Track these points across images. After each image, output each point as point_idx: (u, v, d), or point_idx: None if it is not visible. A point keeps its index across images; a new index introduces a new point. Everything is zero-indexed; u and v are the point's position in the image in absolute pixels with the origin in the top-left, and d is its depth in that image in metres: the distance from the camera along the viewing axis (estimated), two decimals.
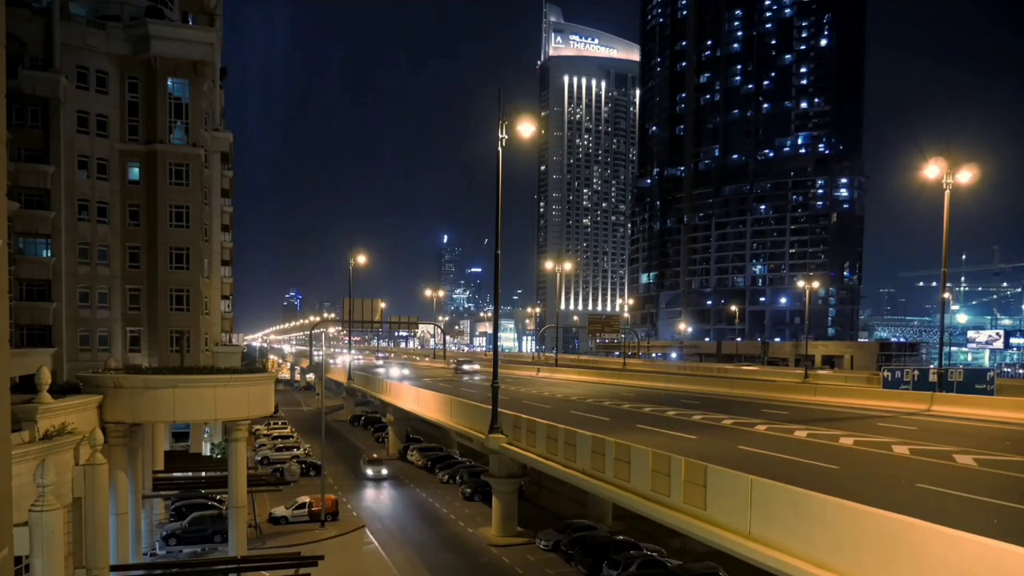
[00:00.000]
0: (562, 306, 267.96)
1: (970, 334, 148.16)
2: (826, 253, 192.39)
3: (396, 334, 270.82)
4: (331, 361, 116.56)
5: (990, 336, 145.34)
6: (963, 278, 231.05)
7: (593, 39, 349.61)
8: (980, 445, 30.05)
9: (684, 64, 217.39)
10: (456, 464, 61.36)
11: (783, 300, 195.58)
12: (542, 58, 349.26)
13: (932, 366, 59.44)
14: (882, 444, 30.60)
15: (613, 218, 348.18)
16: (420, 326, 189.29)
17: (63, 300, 44.89)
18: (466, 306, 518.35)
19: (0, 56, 11.70)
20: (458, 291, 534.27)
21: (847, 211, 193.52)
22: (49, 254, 44.65)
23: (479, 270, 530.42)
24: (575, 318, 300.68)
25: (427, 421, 56.89)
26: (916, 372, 51.89)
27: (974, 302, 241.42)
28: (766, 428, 36.24)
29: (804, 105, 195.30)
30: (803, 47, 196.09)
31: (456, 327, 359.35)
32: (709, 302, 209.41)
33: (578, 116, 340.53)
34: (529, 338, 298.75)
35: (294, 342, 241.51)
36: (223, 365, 48.53)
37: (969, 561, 13.52)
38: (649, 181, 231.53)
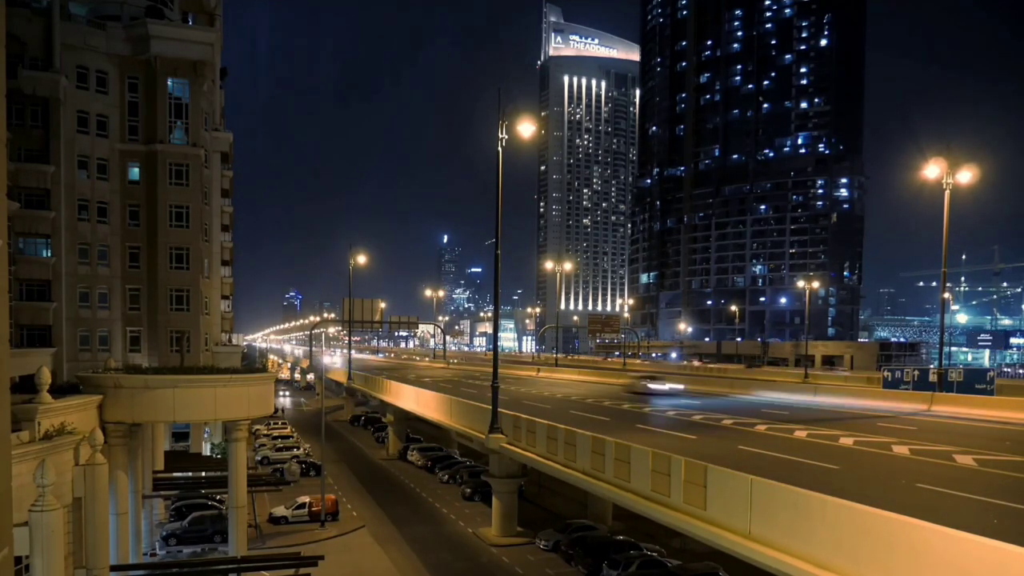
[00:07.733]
0: (562, 306, 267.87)
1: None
2: (826, 253, 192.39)
3: (396, 334, 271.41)
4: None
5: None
6: (963, 278, 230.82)
7: (593, 39, 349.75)
8: (980, 445, 30.03)
9: (684, 64, 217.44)
10: (456, 464, 61.38)
11: (783, 300, 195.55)
12: (542, 58, 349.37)
13: (932, 366, 59.34)
14: (882, 444, 30.58)
15: (613, 218, 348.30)
16: (420, 326, 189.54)
17: (63, 300, 44.85)
18: (466, 306, 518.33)
19: (0, 56, 11.69)
20: (458, 291, 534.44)
21: (847, 211, 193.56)
22: (49, 254, 44.60)
23: (479, 270, 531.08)
24: (575, 318, 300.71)
25: (427, 421, 56.87)
26: (916, 372, 51.76)
27: (974, 302, 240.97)
28: (766, 428, 36.23)
29: (804, 105, 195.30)
30: (803, 47, 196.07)
31: (456, 327, 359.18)
32: (709, 302, 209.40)
33: (578, 116, 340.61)
34: (529, 338, 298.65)
35: (294, 342, 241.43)
36: (223, 365, 48.62)
37: (968, 561, 13.50)
38: (649, 181, 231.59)
